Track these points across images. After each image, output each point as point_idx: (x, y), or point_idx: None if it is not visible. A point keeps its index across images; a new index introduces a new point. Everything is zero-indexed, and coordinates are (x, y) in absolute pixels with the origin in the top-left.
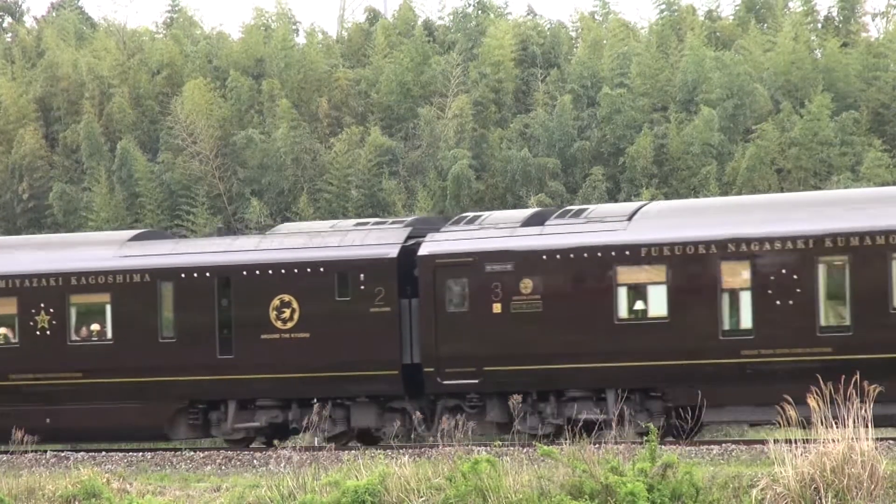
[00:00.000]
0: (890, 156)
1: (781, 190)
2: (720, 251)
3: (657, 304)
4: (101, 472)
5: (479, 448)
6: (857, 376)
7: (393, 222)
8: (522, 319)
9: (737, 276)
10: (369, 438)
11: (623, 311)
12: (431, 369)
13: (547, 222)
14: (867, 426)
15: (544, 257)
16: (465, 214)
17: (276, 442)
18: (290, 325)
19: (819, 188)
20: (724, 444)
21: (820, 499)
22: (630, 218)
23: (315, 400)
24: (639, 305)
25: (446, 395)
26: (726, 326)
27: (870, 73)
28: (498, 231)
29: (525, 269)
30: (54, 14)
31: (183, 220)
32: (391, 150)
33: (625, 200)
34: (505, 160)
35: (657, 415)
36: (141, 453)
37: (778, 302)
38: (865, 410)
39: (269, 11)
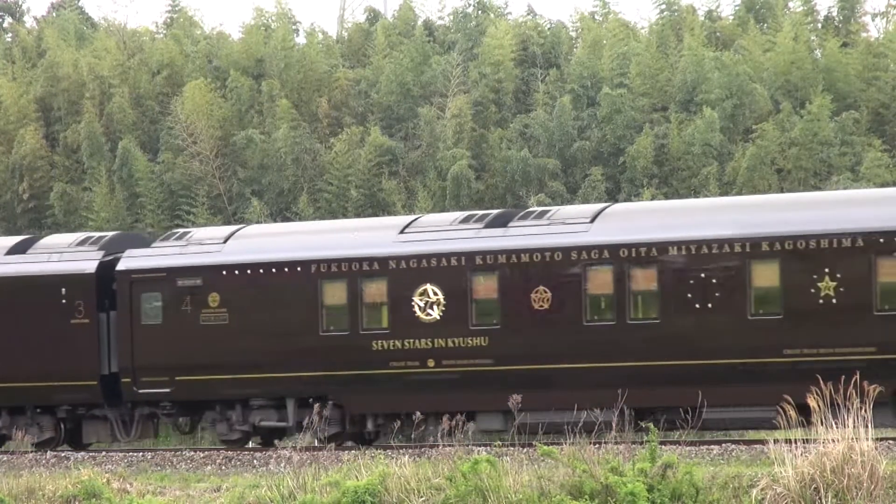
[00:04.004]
0: (890, 156)
1: (781, 190)
2: None
3: None
4: (101, 472)
5: (479, 448)
6: None
7: None
8: None
9: None
10: None
11: None
12: None
13: None
14: (867, 426)
15: None
16: None
17: (275, 442)
18: None
19: (819, 188)
20: (724, 444)
21: (820, 499)
22: None
23: None
24: None
25: None
26: None
27: (870, 73)
28: None
29: None
30: (54, 14)
31: (183, 221)
32: (391, 150)
33: (625, 201)
34: (505, 160)
35: None
36: (141, 453)
37: None
38: None
39: (269, 11)
